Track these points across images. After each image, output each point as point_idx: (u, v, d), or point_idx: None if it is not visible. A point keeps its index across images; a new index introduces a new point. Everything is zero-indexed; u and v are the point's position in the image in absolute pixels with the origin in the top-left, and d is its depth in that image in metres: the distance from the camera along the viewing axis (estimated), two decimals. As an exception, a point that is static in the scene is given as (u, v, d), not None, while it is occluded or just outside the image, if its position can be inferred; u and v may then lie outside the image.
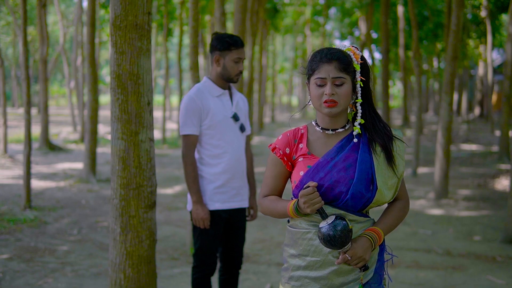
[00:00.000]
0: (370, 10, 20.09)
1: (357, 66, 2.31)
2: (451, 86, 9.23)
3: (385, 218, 2.39)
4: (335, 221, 2.18)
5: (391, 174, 2.34)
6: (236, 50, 3.76)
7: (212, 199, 3.80)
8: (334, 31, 43.40)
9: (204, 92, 3.82)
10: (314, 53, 2.36)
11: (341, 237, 2.16)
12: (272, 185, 2.45)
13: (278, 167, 2.42)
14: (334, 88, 2.27)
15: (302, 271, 2.33)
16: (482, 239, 7.07)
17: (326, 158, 2.31)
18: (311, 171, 2.29)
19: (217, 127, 3.78)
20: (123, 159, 3.49)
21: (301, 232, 2.34)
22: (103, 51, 36.45)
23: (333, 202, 2.29)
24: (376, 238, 2.29)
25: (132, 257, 3.56)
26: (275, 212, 2.40)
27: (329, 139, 2.37)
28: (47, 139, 15.45)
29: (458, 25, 8.98)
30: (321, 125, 2.39)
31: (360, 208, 2.31)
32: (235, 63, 3.77)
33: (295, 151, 2.38)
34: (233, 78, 3.81)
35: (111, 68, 3.49)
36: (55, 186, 10.26)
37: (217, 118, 3.78)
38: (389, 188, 2.33)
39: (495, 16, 22.33)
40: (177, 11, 21.17)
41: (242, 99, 4.03)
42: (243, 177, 3.93)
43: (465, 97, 33.37)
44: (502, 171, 12.76)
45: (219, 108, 3.80)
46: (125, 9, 3.38)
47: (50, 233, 6.97)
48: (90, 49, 10.52)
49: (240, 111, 3.93)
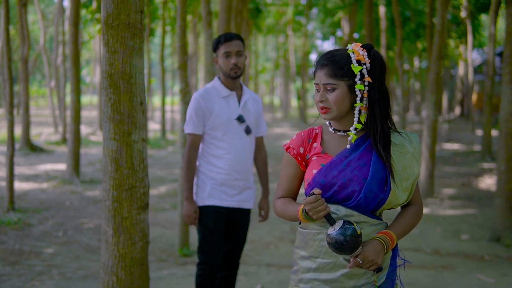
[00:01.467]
0: (353, 10, 20.16)
1: (355, 69, 2.22)
2: (437, 86, 9.28)
3: (399, 222, 2.33)
4: (344, 226, 2.13)
5: (406, 176, 2.29)
6: (223, 45, 3.78)
7: (211, 194, 3.81)
8: (316, 32, 43.53)
9: (211, 92, 3.84)
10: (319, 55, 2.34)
11: (349, 243, 2.11)
12: (287, 186, 2.41)
13: (292, 167, 2.39)
14: (325, 94, 2.24)
15: (313, 273, 2.29)
16: (470, 238, 7.11)
17: (340, 156, 2.27)
18: (324, 169, 2.26)
19: (220, 128, 3.79)
20: (116, 160, 3.44)
21: (312, 233, 2.30)
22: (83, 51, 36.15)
23: (345, 202, 2.25)
24: (388, 242, 2.24)
25: (124, 259, 3.51)
26: (287, 215, 2.36)
27: (342, 140, 2.33)
28: (28, 140, 15.23)
29: (443, 25, 9.03)
30: (333, 126, 2.36)
31: (372, 209, 2.26)
32: (225, 58, 3.77)
33: (309, 150, 2.35)
34: (229, 73, 3.79)
35: (103, 68, 3.43)
36: (38, 188, 10.12)
37: (220, 120, 3.78)
38: (403, 190, 2.29)
39: (475, 16, 22.52)
40: (160, 11, 21.05)
41: (254, 99, 4.00)
42: (246, 179, 3.90)
43: (445, 96, 33.66)
44: (485, 170, 12.88)
45: (223, 110, 3.80)
46: (117, 7, 3.33)
47: (35, 235, 6.86)
48: (74, 49, 10.40)
49: (248, 112, 3.90)
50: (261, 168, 4.07)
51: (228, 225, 3.90)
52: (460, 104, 34.65)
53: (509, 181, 6.72)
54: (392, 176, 2.25)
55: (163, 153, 16.66)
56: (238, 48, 3.80)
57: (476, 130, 22.70)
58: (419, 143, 2.38)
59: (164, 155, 16.16)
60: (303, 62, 35.04)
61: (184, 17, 6.32)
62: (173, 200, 9.16)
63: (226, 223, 3.88)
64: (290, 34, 34.07)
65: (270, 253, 6.39)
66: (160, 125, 21.82)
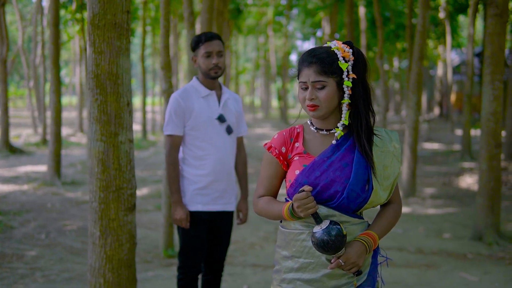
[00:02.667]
0: (334, 11, 20.24)
1: (343, 66, 2.22)
2: (419, 86, 9.36)
3: (380, 222, 2.35)
4: (330, 226, 2.15)
5: (387, 175, 2.31)
6: (204, 44, 3.72)
7: (193, 200, 3.74)
8: (296, 32, 43.63)
9: (190, 92, 3.78)
10: (302, 54, 2.32)
11: (335, 243, 2.14)
12: (268, 185, 2.41)
13: (273, 167, 2.38)
14: (315, 92, 2.23)
15: (295, 273, 2.30)
16: (452, 237, 7.18)
17: (322, 157, 2.27)
18: (306, 170, 2.26)
19: (201, 128, 3.73)
20: (102, 161, 3.41)
21: (294, 233, 2.30)
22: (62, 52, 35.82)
23: (328, 202, 2.25)
24: (371, 243, 2.26)
25: (112, 261, 3.48)
26: (269, 213, 2.35)
27: (324, 139, 2.33)
28: (7, 141, 15.05)
29: (424, 25, 9.11)
30: (315, 125, 2.35)
31: (354, 209, 2.28)
32: (206, 57, 3.71)
33: (291, 150, 2.34)
34: (210, 73, 3.73)
35: (89, 68, 3.40)
36: (18, 190, 10.00)
37: (201, 119, 3.72)
38: (384, 189, 2.31)
39: (453, 17, 22.76)
40: (140, 11, 20.94)
41: (234, 99, 3.95)
42: (228, 180, 3.83)
43: (424, 97, 33.93)
44: (466, 169, 13.01)
45: (204, 109, 3.74)
46: (103, 7, 3.30)
47: (17, 238, 6.76)
48: (54, 50, 10.29)
49: (229, 112, 3.84)
50: (241, 169, 4.02)
51: (211, 229, 3.84)
52: (439, 104, 34.99)
53: (490, 180, 6.80)
54: (374, 175, 2.27)
55: (145, 154, 16.58)
56: (219, 48, 3.74)
57: (455, 130, 22.94)
58: (399, 142, 2.39)
59: (146, 156, 16.07)
60: (283, 62, 35.11)
61: (168, 18, 6.29)
62: (156, 201, 9.11)
63: (210, 228, 3.82)
64: (271, 35, 34.13)
65: (255, 254, 6.39)
66: (141, 126, 21.72)
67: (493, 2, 6.62)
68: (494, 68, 6.64)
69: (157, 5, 19.69)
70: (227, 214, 3.87)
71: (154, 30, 23.84)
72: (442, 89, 32.79)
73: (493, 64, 6.65)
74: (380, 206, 2.42)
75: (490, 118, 6.75)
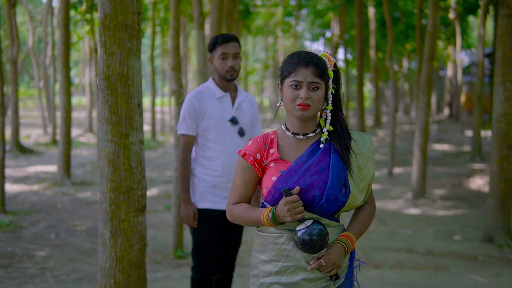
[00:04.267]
0: (343, 12, 20.21)
1: (330, 73, 2.32)
2: (429, 86, 9.33)
3: (356, 223, 2.39)
4: (312, 225, 2.18)
5: (362, 177, 2.35)
6: (220, 46, 3.71)
7: (203, 197, 3.76)
8: (305, 33, 43.60)
9: (205, 93, 3.78)
10: (290, 55, 2.35)
11: (317, 242, 2.16)
12: (242, 192, 2.41)
13: (248, 174, 2.38)
14: (309, 92, 2.26)
15: (274, 277, 2.31)
16: (462, 239, 7.14)
17: (298, 162, 2.29)
18: (283, 176, 2.27)
19: (213, 130, 3.73)
20: (113, 162, 3.41)
21: (273, 236, 2.31)
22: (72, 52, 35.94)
23: (308, 207, 2.27)
24: (349, 244, 2.30)
25: (122, 262, 3.49)
26: (247, 220, 2.36)
27: (300, 144, 2.36)
28: (18, 141, 15.13)
29: (434, 26, 9.08)
30: (291, 130, 2.37)
31: (333, 212, 2.31)
32: (222, 59, 3.70)
33: (265, 156, 2.36)
34: (225, 76, 3.73)
35: (100, 69, 3.41)
36: (29, 190, 10.05)
37: (213, 121, 3.73)
38: (360, 191, 2.35)
39: (463, 18, 22.65)
40: (149, 12, 20.99)
41: (249, 101, 3.94)
42: None
43: (434, 97, 33.78)
44: (476, 171, 12.94)
45: (217, 111, 3.75)
46: (114, 8, 3.31)
47: (27, 238, 6.80)
48: (64, 50, 10.34)
49: (243, 114, 3.83)
50: None
51: (221, 228, 3.85)
52: (449, 105, 34.84)
53: (501, 181, 6.76)
54: (351, 177, 2.30)
55: (154, 155, 16.62)
56: (235, 50, 3.73)
57: (465, 131, 22.83)
58: (372, 143, 2.43)
59: (155, 157, 16.11)
60: (283, 58, 34.98)
61: (178, 19, 6.30)
62: (166, 202, 9.13)
63: (220, 226, 3.82)
64: (280, 35, 34.12)
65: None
66: (151, 126, 21.76)
67: (505, 3, 6.58)
68: (505, 69, 6.60)
69: (166, 6, 19.73)
70: None
71: (163, 30, 23.88)
72: (452, 90, 32.65)
73: (504, 65, 6.60)
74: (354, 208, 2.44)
75: (501, 119, 6.71)
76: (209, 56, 3.82)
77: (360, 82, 18.72)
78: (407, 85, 41.32)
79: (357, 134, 2.41)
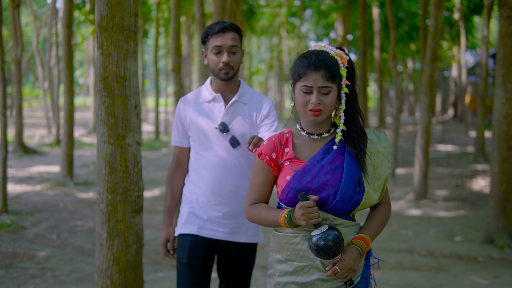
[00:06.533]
0: (347, 12, 20.20)
1: (343, 72, 2.27)
2: (431, 87, 9.31)
3: (371, 224, 2.37)
4: (328, 231, 2.17)
5: (378, 176, 2.33)
6: (213, 37, 3.00)
7: (189, 221, 3.12)
8: (310, 33, 43.59)
9: (198, 95, 3.16)
10: (301, 57, 2.30)
11: (332, 248, 2.15)
12: (260, 192, 2.41)
13: (265, 173, 2.38)
14: (320, 97, 2.23)
15: (289, 276, 2.31)
16: (463, 240, 7.13)
17: (313, 161, 2.29)
18: (298, 175, 2.27)
19: (198, 140, 3.09)
20: (110, 163, 3.42)
21: (288, 236, 2.31)
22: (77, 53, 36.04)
23: (322, 206, 2.26)
24: (364, 247, 2.28)
25: (119, 263, 3.50)
26: (264, 221, 2.36)
27: (315, 143, 2.35)
28: (21, 142, 15.19)
29: (436, 27, 9.06)
30: (306, 130, 2.36)
31: (348, 211, 2.30)
32: (215, 54, 3.00)
33: (281, 155, 2.35)
34: (218, 74, 3.02)
35: (97, 71, 3.42)
36: (31, 190, 10.09)
37: (199, 129, 3.08)
38: (376, 190, 2.33)
39: (468, 18, 22.61)
40: (153, 12, 21.03)
41: (254, 101, 3.12)
42: (234, 203, 3.05)
43: (439, 98, 33.72)
44: (479, 172, 12.92)
45: (204, 117, 3.07)
46: (111, 10, 3.32)
47: (29, 238, 6.83)
48: (67, 51, 10.38)
49: (237, 119, 3.05)
50: None
51: (220, 262, 3.19)
52: (454, 105, 34.76)
53: (502, 182, 6.74)
54: (365, 177, 2.29)
55: (157, 155, 16.65)
56: (231, 43, 3.01)
57: (470, 132, 22.78)
58: (387, 142, 2.41)
59: (158, 157, 16.14)
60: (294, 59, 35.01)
61: (178, 19, 6.32)
62: (167, 202, 9.14)
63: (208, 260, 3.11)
64: (284, 36, 34.10)
65: (264, 255, 6.38)
66: (154, 127, 21.80)
67: (506, 4, 6.57)
68: (506, 70, 6.58)
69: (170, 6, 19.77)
70: (236, 246, 3.11)
71: (167, 31, 23.93)
72: (457, 91, 32.58)
73: (505, 66, 6.59)
74: (370, 208, 2.43)
75: (502, 120, 6.69)
76: (202, 49, 3.16)
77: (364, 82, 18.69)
78: (412, 86, 41.27)
79: (372, 133, 2.40)
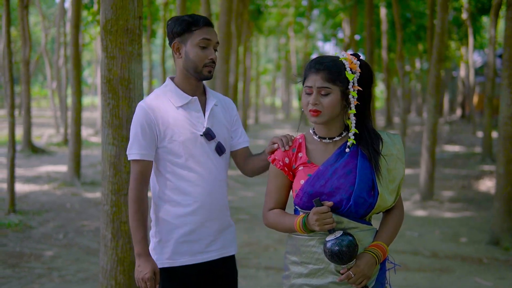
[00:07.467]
0: (354, 12, 20.19)
1: (350, 76, 2.26)
2: (437, 88, 9.30)
3: (386, 230, 2.37)
4: (342, 236, 2.17)
5: (392, 178, 2.33)
6: (201, 29, 2.66)
7: (178, 251, 2.70)
8: (317, 33, 43.58)
9: (163, 100, 2.71)
10: (309, 60, 2.36)
11: (346, 253, 2.15)
12: (277, 197, 2.43)
13: (280, 178, 2.41)
14: (319, 98, 2.26)
15: (304, 278, 2.33)
16: (468, 241, 7.12)
17: (326, 165, 2.30)
18: (311, 179, 2.29)
19: (181, 150, 2.66)
20: (114, 165, 3.47)
21: (304, 239, 2.33)
22: (85, 53, 36.21)
23: (336, 210, 2.27)
24: (380, 255, 2.28)
25: (123, 264, 3.54)
26: (280, 226, 2.38)
27: (327, 147, 2.36)
28: (29, 141, 15.28)
29: (442, 27, 9.05)
30: (318, 134, 2.38)
31: (362, 214, 2.30)
32: (201, 48, 2.66)
33: (294, 160, 2.37)
34: (202, 71, 2.68)
35: (102, 73, 3.47)
36: (39, 190, 10.15)
37: (180, 138, 2.66)
38: (390, 193, 2.33)
39: (476, 18, 22.54)
40: (161, 12, 21.10)
41: (223, 103, 2.88)
42: (222, 216, 2.79)
43: (446, 98, 33.62)
44: (486, 172, 12.88)
45: (183, 124, 2.68)
46: (116, 13, 3.36)
47: (36, 238, 6.89)
48: (75, 51, 10.44)
49: (218, 123, 2.77)
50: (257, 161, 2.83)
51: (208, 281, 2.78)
52: (461, 105, 34.65)
53: (508, 184, 6.74)
54: (379, 179, 2.29)
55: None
56: (217, 39, 2.77)
57: (477, 132, 22.70)
58: (401, 144, 2.42)
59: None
60: (304, 63, 35.08)
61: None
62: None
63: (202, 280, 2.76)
64: (291, 36, 34.13)
65: (268, 256, 6.41)
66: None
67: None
68: (512, 71, 6.58)
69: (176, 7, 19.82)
70: (226, 261, 2.82)
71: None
72: (465, 91, 32.47)
73: (511, 67, 6.58)
74: (382, 213, 2.43)
75: (507, 121, 6.69)
76: (175, 42, 2.71)
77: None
78: (419, 86, 41.17)
79: (386, 135, 2.40)
